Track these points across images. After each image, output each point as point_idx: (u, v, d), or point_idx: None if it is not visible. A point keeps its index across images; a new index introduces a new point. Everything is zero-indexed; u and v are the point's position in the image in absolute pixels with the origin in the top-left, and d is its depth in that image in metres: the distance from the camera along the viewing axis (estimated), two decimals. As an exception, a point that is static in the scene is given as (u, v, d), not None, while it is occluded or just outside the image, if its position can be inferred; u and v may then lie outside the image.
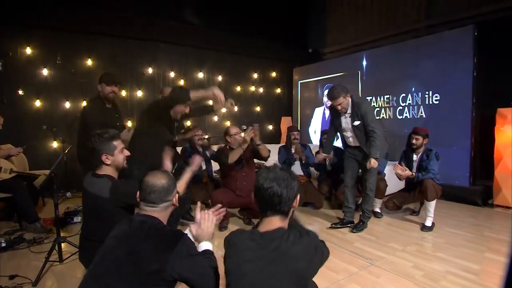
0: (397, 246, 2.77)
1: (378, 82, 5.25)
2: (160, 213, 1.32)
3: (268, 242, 1.10)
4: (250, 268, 1.08)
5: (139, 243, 1.18)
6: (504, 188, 3.72)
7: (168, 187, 1.32)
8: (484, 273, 2.27)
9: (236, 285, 1.09)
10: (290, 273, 1.07)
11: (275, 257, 1.07)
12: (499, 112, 3.79)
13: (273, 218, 1.17)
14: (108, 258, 1.20)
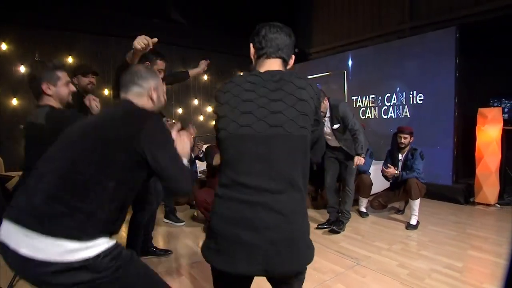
0: (382, 245, 2.78)
1: (363, 82, 5.30)
2: (132, 98, 1.21)
3: (270, 76, 1.04)
4: (251, 100, 1.01)
5: (106, 119, 1.11)
6: (484, 186, 3.81)
7: (143, 74, 1.22)
8: (467, 270, 2.30)
9: (235, 120, 1.01)
10: (295, 102, 1.00)
11: (279, 86, 1.01)
12: (480, 112, 3.88)
13: (274, 60, 1.10)
14: (75, 126, 1.11)
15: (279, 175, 0.98)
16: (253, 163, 0.98)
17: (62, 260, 0.89)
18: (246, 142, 0.99)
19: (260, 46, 1.10)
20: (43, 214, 0.93)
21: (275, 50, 1.09)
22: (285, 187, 0.98)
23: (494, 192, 3.80)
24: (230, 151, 1.02)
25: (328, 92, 5.90)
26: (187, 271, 2.35)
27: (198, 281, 2.21)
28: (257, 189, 0.97)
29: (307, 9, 7.10)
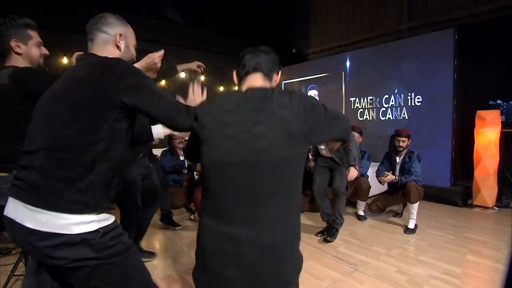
0: (381, 250, 2.75)
1: (362, 83, 5.27)
2: (101, 53, 1.11)
3: (251, 94, 1.01)
4: (233, 124, 0.96)
5: (74, 72, 1.05)
6: (483, 189, 3.79)
7: (109, 19, 1.16)
8: (466, 276, 2.27)
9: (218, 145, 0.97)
10: (279, 124, 0.94)
11: (261, 106, 0.96)
12: (478, 115, 3.86)
13: (254, 75, 1.08)
14: (45, 99, 1.05)
15: (262, 207, 0.93)
16: (235, 193, 0.94)
17: (63, 232, 0.92)
18: (228, 170, 0.95)
19: (240, 68, 1.10)
20: (43, 190, 0.94)
21: (253, 66, 1.08)
22: (270, 219, 0.94)
23: (492, 195, 3.79)
24: (211, 180, 0.99)
25: (326, 94, 5.91)
26: (182, 278, 2.31)
27: None
28: (240, 222, 0.93)
29: (305, 9, 7.06)
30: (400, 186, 3.27)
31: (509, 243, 2.87)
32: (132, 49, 1.24)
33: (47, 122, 1.00)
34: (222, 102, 1.03)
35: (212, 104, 1.05)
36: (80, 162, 0.96)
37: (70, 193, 0.94)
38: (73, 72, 1.07)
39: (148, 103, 1.02)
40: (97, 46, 1.14)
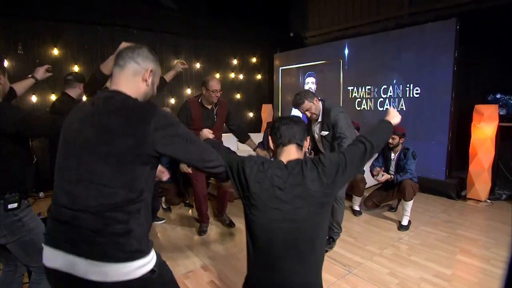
0: (374, 250, 2.83)
1: (360, 72, 5.18)
2: (127, 83, 1.11)
3: (291, 168, 1.20)
4: (279, 193, 1.17)
5: (107, 118, 1.02)
6: (477, 183, 3.85)
7: (145, 53, 1.15)
8: (455, 279, 2.35)
9: (264, 208, 1.18)
10: (309, 195, 1.17)
11: (299, 181, 1.17)
12: (476, 109, 3.84)
13: (291, 147, 1.29)
14: (76, 144, 1.04)
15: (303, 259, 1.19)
16: (280, 251, 1.17)
17: (129, 278, 0.98)
18: (275, 233, 1.17)
19: (277, 138, 1.31)
20: (102, 245, 0.97)
21: (289, 138, 1.29)
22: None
23: (485, 189, 3.85)
24: (259, 238, 1.20)
25: (324, 82, 5.82)
26: (181, 281, 2.38)
27: (193, 293, 2.25)
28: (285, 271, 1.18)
29: (303, -9, 6.79)
30: (395, 183, 3.32)
31: (499, 240, 2.95)
32: (155, 87, 1.22)
33: (87, 179, 0.99)
34: (270, 173, 1.19)
35: (261, 173, 1.20)
36: (129, 215, 1.00)
37: (130, 244, 0.99)
38: (104, 116, 1.02)
39: (183, 153, 1.09)
40: (126, 76, 1.12)
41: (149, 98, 1.22)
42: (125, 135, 0.99)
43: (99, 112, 1.04)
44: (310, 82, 6.14)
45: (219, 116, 3.01)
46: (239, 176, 1.23)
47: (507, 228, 3.23)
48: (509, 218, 3.48)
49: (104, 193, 0.97)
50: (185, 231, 3.31)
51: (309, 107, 2.66)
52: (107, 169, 0.98)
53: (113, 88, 1.11)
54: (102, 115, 1.03)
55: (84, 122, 1.05)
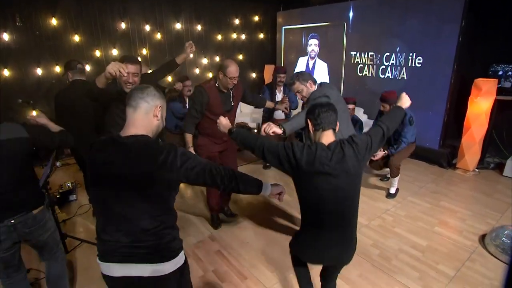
0: (363, 221, 3.17)
1: (364, 37, 5.06)
2: (142, 121, 1.28)
3: (334, 149, 1.49)
4: (327, 168, 1.46)
5: (141, 164, 1.21)
6: (467, 155, 4.06)
7: (152, 91, 1.31)
8: (429, 250, 2.71)
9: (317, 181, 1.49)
10: (349, 168, 1.50)
11: (340, 159, 1.48)
12: (475, 83, 3.87)
13: (329, 131, 1.55)
14: (116, 188, 1.22)
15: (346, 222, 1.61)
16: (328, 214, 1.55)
17: (174, 269, 1.31)
18: (325, 203, 1.52)
19: (317, 123, 1.55)
20: (153, 255, 1.26)
21: (328, 124, 1.54)
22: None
23: (474, 160, 4.07)
24: (312, 207, 1.57)
25: (327, 45, 5.70)
26: (192, 251, 2.78)
27: (203, 262, 2.64)
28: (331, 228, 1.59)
29: None
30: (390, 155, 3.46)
31: (476, 212, 3.26)
32: (164, 119, 1.40)
33: (128, 215, 1.22)
34: (319, 154, 1.46)
35: (310, 153, 1.47)
36: (170, 229, 1.31)
37: (172, 249, 1.31)
38: (135, 163, 1.20)
39: (198, 178, 1.31)
40: (140, 114, 1.28)
41: (160, 130, 1.40)
42: (156, 176, 1.22)
43: (129, 156, 1.22)
44: (313, 44, 6.01)
45: (235, 98, 2.86)
46: (289, 160, 1.50)
47: (487, 199, 3.53)
48: (490, 189, 3.76)
49: (144, 226, 1.24)
50: (194, 201, 3.67)
51: (300, 89, 2.56)
52: (145, 205, 1.24)
53: (131, 129, 1.28)
54: (135, 160, 1.22)
55: (115, 166, 1.21)
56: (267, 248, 2.76)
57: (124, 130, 1.29)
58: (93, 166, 1.27)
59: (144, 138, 1.27)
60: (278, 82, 4.23)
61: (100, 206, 1.29)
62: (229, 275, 2.48)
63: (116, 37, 5.15)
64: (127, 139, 1.25)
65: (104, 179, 1.24)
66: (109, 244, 1.26)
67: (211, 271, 2.53)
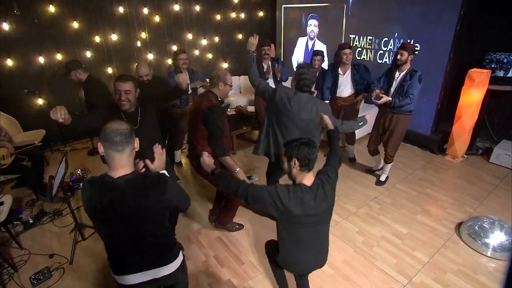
0: (351, 208, 3.44)
1: (363, 20, 5.01)
2: (128, 161, 1.40)
3: (316, 191, 1.62)
4: (313, 211, 1.61)
5: (141, 199, 1.38)
6: (456, 143, 4.23)
7: (131, 130, 1.39)
8: (408, 237, 2.99)
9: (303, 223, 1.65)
10: (331, 203, 1.71)
11: (323, 199, 1.63)
12: (469, 74, 3.93)
13: (311, 174, 1.66)
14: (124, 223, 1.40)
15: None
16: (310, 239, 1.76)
17: (176, 267, 1.61)
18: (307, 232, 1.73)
19: (304, 163, 1.59)
20: (160, 259, 1.55)
21: (313, 165, 1.64)
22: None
23: (463, 148, 4.25)
24: (297, 236, 1.74)
25: (326, 28, 5.65)
26: (196, 237, 3.10)
27: (205, 248, 2.96)
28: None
29: None
30: (385, 127, 3.51)
31: (457, 200, 3.51)
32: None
33: (136, 237, 1.46)
34: (306, 199, 1.58)
35: (297, 197, 1.57)
36: (168, 237, 1.61)
37: (174, 253, 1.60)
38: (141, 198, 1.39)
39: (179, 204, 1.60)
40: (127, 156, 1.39)
41: None
42: (157, 206, 1.45)
43: (130, 195, 1.38)
44: (312, 24, 5.94)
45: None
46: (277, 206, 1.58)
47: (469, 187, 3.76)
48: (475, 176, 3.98)
49: (149, 242, 1.52)
50: (198, 189, 3.93)
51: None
52: (151, 227, 1.49)
53: (120, 170, 1.38)
54: (136, 198, 1.39)
55: (119, 206, 1.36)
56: (263, 235, 3.06)
57: (113, 172, 1.38)
58: (95, 209, 1.38)
59: (135, 175, 1.42)
60: (263, 55, 4.18)
61: (110, 239, 1.50)
62: (228, 260, 2.80)
63: (115, 22, 5.14)
64: (121, 179, 1.37)
65: (111, 218, 1.39)
66: (121, 262, 1.52)
67: (212, 257, 2.85)
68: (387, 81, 3.37)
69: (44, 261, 2.82)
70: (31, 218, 3.32)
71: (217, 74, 2.59)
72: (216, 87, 2.57)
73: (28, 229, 3.24)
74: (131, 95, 2.21)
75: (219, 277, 2.62)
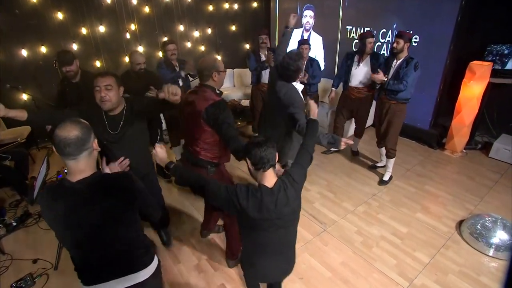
0: (349, 207, 3.33)
1: (360, 11, 4.85)
2: (87, 164, 1.31)
3: (277, 194, 1.48)
4: (273, 214, 1.48)
5: (104, 202, 1.29)
6: (456, 137, 4.13)
7: (83, 136, 1.26)
8: (408, 237, 2.90)
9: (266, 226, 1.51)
10: (294, 207, 1.55)
11: (285, 203, 1.49)
12: (470, 67, 3.81)
13: (270, 170, 1.50)
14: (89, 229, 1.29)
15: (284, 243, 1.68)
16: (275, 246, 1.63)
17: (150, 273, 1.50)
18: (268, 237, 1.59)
19: (257, 163, 1.47)
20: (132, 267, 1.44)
21: (268, 163, 1.47)
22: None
23: (462, 142, 4.16)
24: (253, 240, 1.62)
25: (322, 19, 5.47)
26: (187, 239, 2.96)
27: (197, 251, 2.83)
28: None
29: None
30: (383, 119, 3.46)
31: (457, 196, 3.42)
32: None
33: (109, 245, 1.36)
34: (265, 201, 1.45)
35: (255, 198, 1.45)
36: (139, 242, 1.47)
37: (147, 258, 1.50)
38: (104, 201, 1.29)
39: (148, 209, 1.55)
40: (85, 161, 1.30)
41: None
42: (124, 207, 1.36)
43: (90, 198, 1.28)
44: (308, 15, 5.75)
45: None
46: (234, 205, 1.47)
47: (469, 182, 3.67)
48: (474, 171, 3.89)
49: (124, 243, 1.42)
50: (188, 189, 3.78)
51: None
52: (123, 230, 1.39)
53: (78, 175, 1.28)
54: (97, 200, 1.29)
55: (78, 209, 1.26)
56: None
57: (71, 176, 1.29)
58: (55, 217, 1.28)
59: (96, 177, 1.32)
60: (260, 44, 4.08)
61: (75, 247, 1.37)
62: (221, 263, 2.68)
63: (102, 13, 4.91)
64: (80, 183, 1.28)
65: (73, 225, 1.28)
66: (89, 271, 1.40)
67: (204, 259, 2.73)
68: (384, 70, 3.36)
69: (27, 266, 2.67)
70: (15, 221, 3.16)
71: (206, 63, 2.14)
72: (209, 79, 2.15)
73: (11, 232, 3.08)
74: (112, 92, 1.93)
75: (212, 281, 2.50)
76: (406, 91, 3.22)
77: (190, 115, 2.19)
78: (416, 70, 3.14)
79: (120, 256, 1.40)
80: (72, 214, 1.26)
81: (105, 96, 1.91)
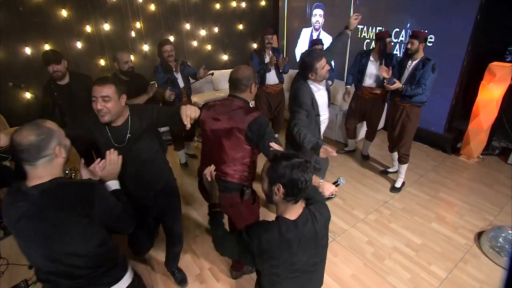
0: (359, 215, 3.17)
1: (372, 10, 4.66)
2: (46, 170, 1.18)
3: (302, 228, 1.21)
4: (299, 253, 1.23)
5: (57, 211, 1.15)
6: (472, 142, 3.92)
7: (38, 142, 1.14)
8: (423, 248, 2.72)
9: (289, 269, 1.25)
10: (321, 246, 1.31)
11: (311, 236, 1.23)
12: (489, 68, 3.60)
13: (300, 203, 1.24)
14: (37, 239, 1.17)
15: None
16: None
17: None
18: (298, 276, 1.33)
19: (293, 192, 1.16)
20: (95, 280, 1.29)
21: (303, 196, 1.21)
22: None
23: (479, 148, 3.95)
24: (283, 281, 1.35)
25: (332, 17, 5.31)
26: (189, 246, 2.84)
27: (199, 259, 2.70)
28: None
29: None
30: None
31: (474, 205, 3.23)
32: (68, 149, 1.27)
33: (59, 260, 1.21)
34: (286, 238, 1.19)
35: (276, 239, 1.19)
36: (103, 258, 1.30)
37: (114, 275, 1.35)
38: (59, 211, 1.16)
39: (115, 225, 1.36)
40: (44, 169, 1.17)
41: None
42: (78, 221, 1.19)
43: (45, 208, 1.15)
44: (317, 14, 5.59)
45: None
46: (249, 259, 1.24)
47: (487, 191, 3.47)
48: (492, 179, 3.69)
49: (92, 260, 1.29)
50: (192, 190, 3.67)
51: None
52: (90, 248, 1.24)
53: (34, 180, 1.16)
54: (52, 211, 1.15)
55: (31, 220, 1.14)
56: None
57: (28, 180, 1.17)
58: (9, 223, 1.19)
59: (53, 184, 1.17)
60: (266, 44, 3.91)
61: (31, 259, 1.26)
62: (224, 273, 2.55)
63: (107, 10, 4.81)
64: (34, 189, 1.15)
65: (25, 234, 1.18)
66: (48, 284, 1.27)
67: (207, 269, 2.60)
68: (398, 71, 3.20)
69: (23, 272, 2.58)
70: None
71: (246, 73, 1.88)
72: (247, 90, 1.89)
73: (8, 235, 2.99)
74: (111, 103, 1.64)
75: (214, 293, 2.37)
76: (423, 94, 3.05)
77: (224, 132, 1.87)
78: (434, 72, 2.97)
79: (79, 271, 1.24)
80: (21, 220, 1.15)
81: (102, 109, 1.63)
